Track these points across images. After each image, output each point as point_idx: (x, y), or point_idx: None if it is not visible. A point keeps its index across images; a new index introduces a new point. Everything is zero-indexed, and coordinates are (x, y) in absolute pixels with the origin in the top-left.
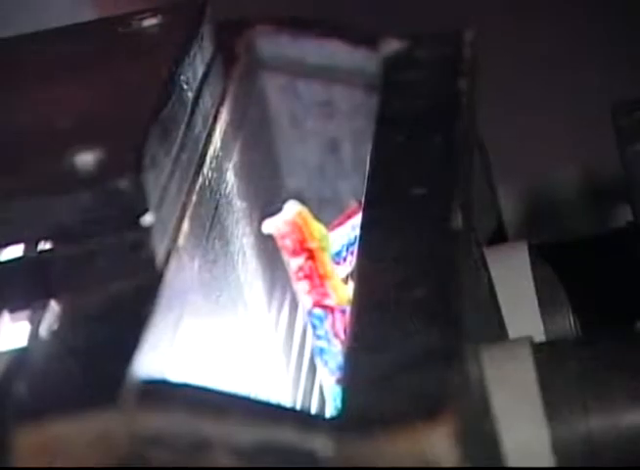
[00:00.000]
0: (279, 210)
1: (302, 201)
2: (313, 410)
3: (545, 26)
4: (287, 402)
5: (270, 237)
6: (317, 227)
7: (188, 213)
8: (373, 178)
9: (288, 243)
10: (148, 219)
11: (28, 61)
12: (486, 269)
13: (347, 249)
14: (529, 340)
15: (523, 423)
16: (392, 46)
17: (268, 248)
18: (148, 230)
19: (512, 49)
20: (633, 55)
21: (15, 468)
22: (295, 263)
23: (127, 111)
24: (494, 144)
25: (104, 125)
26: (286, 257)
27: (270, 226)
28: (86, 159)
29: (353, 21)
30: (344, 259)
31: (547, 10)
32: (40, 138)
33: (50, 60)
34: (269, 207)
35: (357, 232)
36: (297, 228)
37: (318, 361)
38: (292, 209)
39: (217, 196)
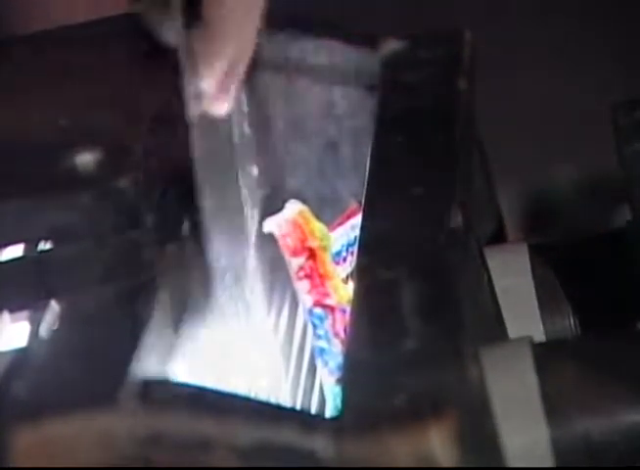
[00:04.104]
0: (280, 209)
1: (302, 201)
2: (313, 410)
3: (545, 27)
4: (287, 403)
5: (271, 236)
6: (318, 227)
7: (188, 213)
8: (373, 178)
9: (289, 242)
10: (148, 219)
11: (28, 61)
12: (486, 269)
13: (347, 249)
14: (529, 340)
15: (522, 423)
16: (392, 46)
17: (270, 247)
18: (148, 230)
19: (512, 49)
20: (633, 55)
21: (14, 468)
22: (295, 263)
23: (128, 111)
24: (494, 144)
25: (105, 126)
26: (287, 256)
27: (271, 225)
28: (87, 159)
29: (353, 21)
30: (344, 259)
31: (547, 10)
32: (41, 138)
33: (49, 60)
34: (270, 206)
35: (357, 232)
36: (298, 227)
37: (318, 361)
38: (293, 208)
39: (217, 195)
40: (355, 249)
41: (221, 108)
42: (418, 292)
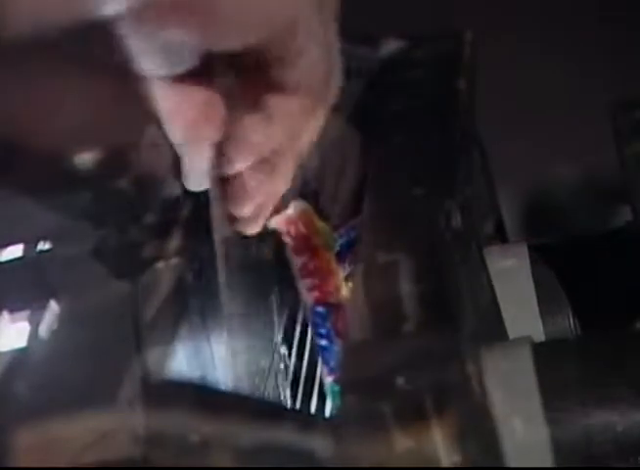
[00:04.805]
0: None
1: (303, 199)
2: (313, 410)
3: (545, 26)
4: (287, 402)
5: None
6: (322, 225)
7: (188, 213)
8: (373, 178)
9: (292, 240)
10: (149, 219)
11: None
12: (486, 269)
13: (347, 249)
14: (529, 340)
15: (522, 423)
16: (392, 46)
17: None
18: (148, 230)
19: (512, 49)
20: (633, 55)
21: (15, 468)
22: (299, 261)
23: (127, 111)
24: (494, 144)
25: (105, 126)
26: (290, 254)
27: (275, 223)
28: (86, 158)
29: (353, 21)
30: (344, 260)
31: (547, 10)
32: (42, 138)
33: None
34: None
35: (357, 232)
36: (302, 226)
37: (319, 359)
38: (296, 206)
39: None
40: (355, 249)
41: (254, 229)
42: (418, 292)
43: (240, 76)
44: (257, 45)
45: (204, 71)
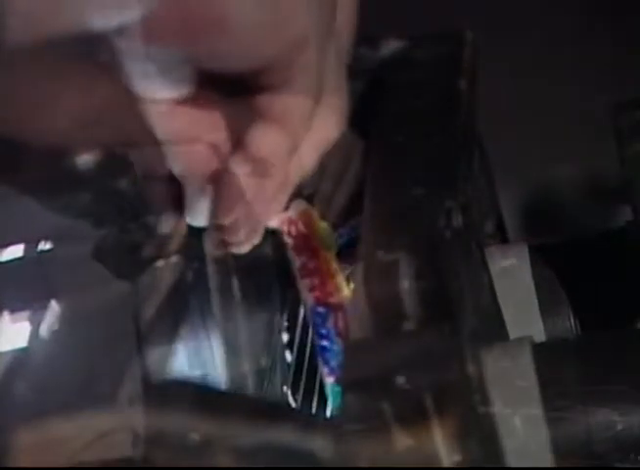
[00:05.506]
0: (285, 208)
1: (305, 200)
2: (313, 410)
3: (545, 26)
4: (287, 402)
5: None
6: (322, 226)
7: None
8: (373, 178)
9: (293, 240)
10: (149, 220)
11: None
12: (486, 269)
13: (347, 249)
14: (529, 340)
15: (522, 423)
16: (392, 46)
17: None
18: (149, 230)
19: (512, 49)
20: (633, 55)
21: (15, 468)
22: (299, 261)
23: (128, 111)
24: (494, 144)
25: (106, 126)
26: (291, 254)
27: (276, 223)
28: (87, 159)
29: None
30: (344, 260)
31: (547, 10)
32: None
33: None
34: None
35: (357, 232)
36: (303, 226)
37: (319, 360)
38: (297, 207)
39: None
40: (356, 249)
41: (245, 249)
42: (418, 292)
43: (240, 85)
44: (265, 64)
45: (204, 86)
